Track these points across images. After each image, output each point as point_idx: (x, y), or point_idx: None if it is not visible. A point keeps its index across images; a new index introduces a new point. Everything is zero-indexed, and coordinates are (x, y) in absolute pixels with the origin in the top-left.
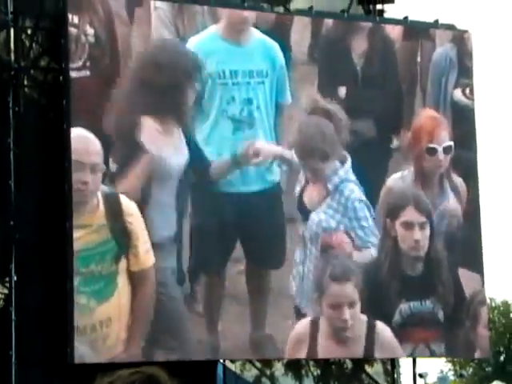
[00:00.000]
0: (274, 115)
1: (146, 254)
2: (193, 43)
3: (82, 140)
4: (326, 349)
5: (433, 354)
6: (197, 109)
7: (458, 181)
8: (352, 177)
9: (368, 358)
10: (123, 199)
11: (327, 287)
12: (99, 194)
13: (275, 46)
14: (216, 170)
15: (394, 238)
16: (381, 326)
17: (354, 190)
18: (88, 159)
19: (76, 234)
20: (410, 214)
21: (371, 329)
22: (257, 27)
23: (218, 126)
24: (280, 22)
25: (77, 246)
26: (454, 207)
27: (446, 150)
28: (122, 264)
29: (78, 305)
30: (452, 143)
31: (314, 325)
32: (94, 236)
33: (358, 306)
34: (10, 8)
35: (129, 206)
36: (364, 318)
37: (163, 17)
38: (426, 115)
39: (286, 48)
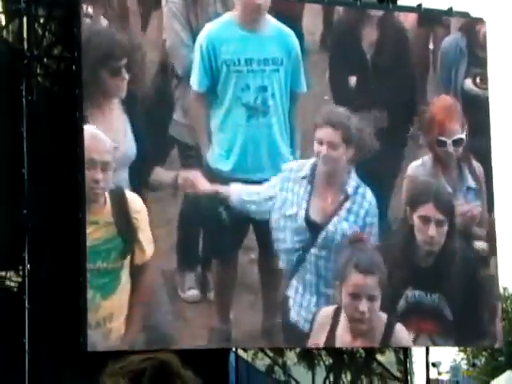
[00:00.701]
0: (289, 103)
1: (148, 245)
2: (207, 30)
3: (94, 138)
4: (341, 338)
5: (436, 345)
6: (211, 95)
7: (477, 165)
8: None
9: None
10: (129, 194)
11: (349, 276)
12: (106, 193)
13: (291, 34)
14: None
15: (411, 226)
16: (399, 328)
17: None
18: (99, 157)
19: (87, 230)
20: (428, 210)
21: (389, 328)
22: (274, 14)
23: (231, 113)
24: (292, 10)
25: (87, 242)
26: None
27: (457, 142)
28: (127, 259)
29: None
30: (463, 136)
31: (336, 314)
32: (101, 232)
33: (378, 303)
34: None
35: (135, 201)
36: (384, 316)
37: (174, 10)
38: (439, 105)
39: (299, 36)
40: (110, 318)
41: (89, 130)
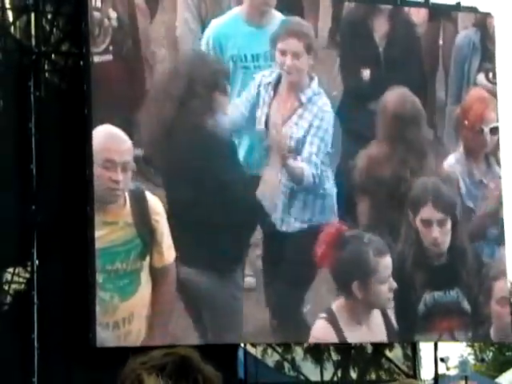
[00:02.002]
0: None
1: (168, 250)
2: (214, 26)
3: (113, 138)
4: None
5: (456, 340)
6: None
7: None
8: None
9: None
10: (149, 196)
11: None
12: (126, 193)
13: None
14: None
15: (416, 230)
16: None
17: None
18: (119, 158)
19: (102, 231)
20: (428, 212)
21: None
22: (280, 8)
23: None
24: (303, 3)
25: (102, 243)
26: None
27: (493, 130)
28: (146, 261)
29: (101, 301)
30: (498, 124)
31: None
32: (120, 233)
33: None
34: None
35: (155, 203)
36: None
37: (188, 0)
38: (475, 96)
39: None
40: (130, 318)
41: (106, 129)
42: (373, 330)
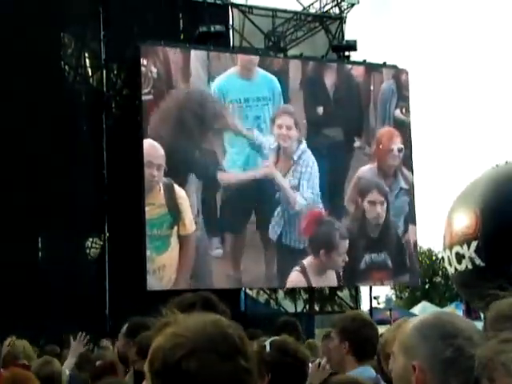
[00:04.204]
0: None
1: (190, 224)
2: (219, 81)
3: (153, 148)
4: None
5: (383, 285)
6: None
7: (408, 173)
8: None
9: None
10: (176, 187)
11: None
12: (161, 184)
13: (275, 80)
14: None
15: (363, 210)
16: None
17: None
18: (156, 161)
19: (146, 208)
20: (374, 196)
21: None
22: (266, 68)
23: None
24: (282, 64)
25: (146, 216)
26: (405, 190)
27: (400, 150)
28: (174, 230)
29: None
30: (402, 146)
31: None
32: (157, 210)
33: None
34: (103, 56)
35: (180, 191)
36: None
37: (200, 60)
38: (385, 130)
39: (284, 81)
40: (163, 268)
41: (149, 142)
42: (329, 280)
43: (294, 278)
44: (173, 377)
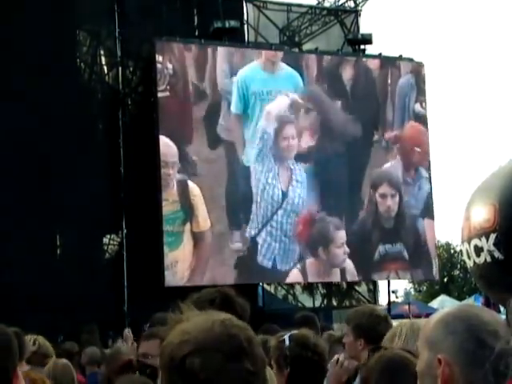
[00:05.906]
0: None
1: (204, 221)
2: (242, 72)
3: (167, 147)
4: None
5: (400, 278)
6: (244, 114)
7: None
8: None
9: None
10: (190, 183)
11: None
12: (175, 181)
13: (296, 75)
14: None
15: (375, 203)
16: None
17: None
18: (171, 160)
19: (163, 203)
20: (384, 189)
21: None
22: (284, 61)
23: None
24: (298, 58)
25: (163, 212)
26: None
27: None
28: (187, 226)
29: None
30: (426, 139)
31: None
32: (170, 207)
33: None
34: (119, 53)
35: (193, 188)
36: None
37: (223, 55)
38: (410, 124)
39: (301, 75)
40: (175, 264)
41: (164, 140)
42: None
43: (294, 275)
44: (177, 373)
